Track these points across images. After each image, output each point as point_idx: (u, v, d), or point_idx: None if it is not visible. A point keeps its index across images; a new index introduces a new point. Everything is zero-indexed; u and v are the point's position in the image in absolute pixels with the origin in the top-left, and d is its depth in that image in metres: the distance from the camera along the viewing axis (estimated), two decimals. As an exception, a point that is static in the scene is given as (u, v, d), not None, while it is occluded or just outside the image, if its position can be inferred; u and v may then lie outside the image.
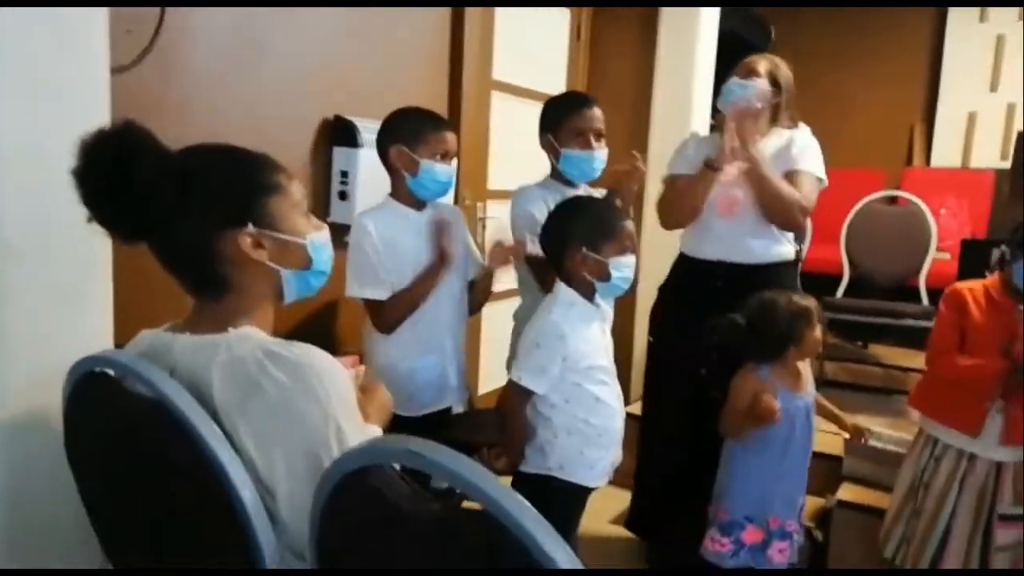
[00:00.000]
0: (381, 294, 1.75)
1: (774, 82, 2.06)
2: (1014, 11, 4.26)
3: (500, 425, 1.65)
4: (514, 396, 1.61)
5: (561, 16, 3.39)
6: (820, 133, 2.17)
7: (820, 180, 2.07)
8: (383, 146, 1.79)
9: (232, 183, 1.03)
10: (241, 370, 0.94)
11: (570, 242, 1.61)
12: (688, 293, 2.14)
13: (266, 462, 0.92)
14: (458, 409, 2.03)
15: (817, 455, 2.28)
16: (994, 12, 4.33)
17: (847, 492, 2.29)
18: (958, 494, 1.79)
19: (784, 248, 2.10)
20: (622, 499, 2.65)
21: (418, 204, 1.82)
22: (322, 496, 0.83)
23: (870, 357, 3.63)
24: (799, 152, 2.06)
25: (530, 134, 2.13)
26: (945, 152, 4.46)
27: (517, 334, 1.94)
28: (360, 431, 0.98)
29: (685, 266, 2.21)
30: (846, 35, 4.64)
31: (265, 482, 0.92)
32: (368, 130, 2.03)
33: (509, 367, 1.71)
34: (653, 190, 3.38)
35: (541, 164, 2.11)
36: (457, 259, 1.82)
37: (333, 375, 0.96)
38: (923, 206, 3.57)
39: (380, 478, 0.77)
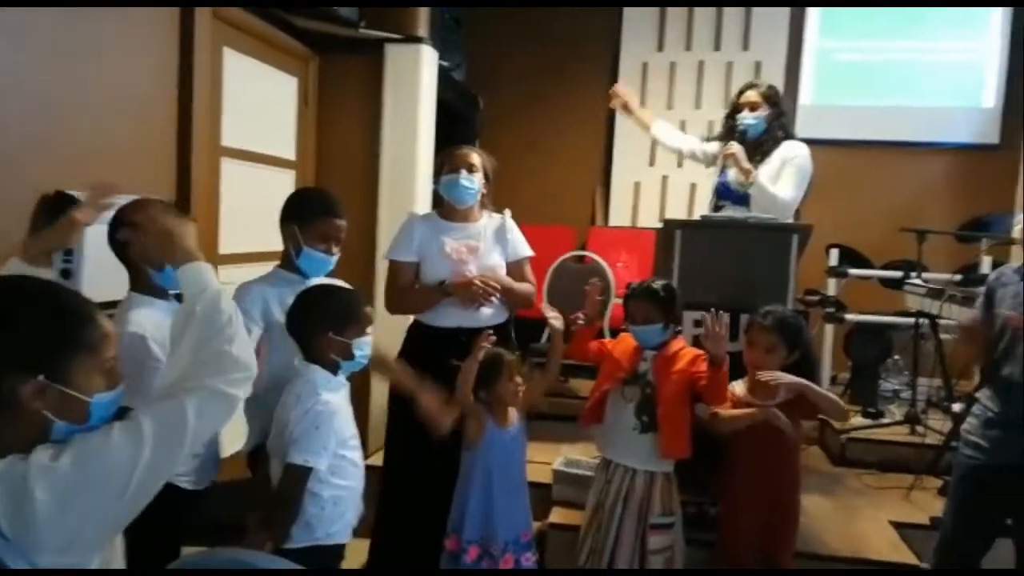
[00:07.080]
0: None
1: (484, 174, 2.45)
2: (663, 102, 5.31)
3: (274, 505, 1.67)
4: (299, 479, 1.65)
5: (288, 82, 3.51)
6: (523, 195, 2.58)
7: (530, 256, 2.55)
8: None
9: (40, 331, 0.98)
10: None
11: (318, 327, 1.75)
12: (426, 358, 2.30)
13: None
14: None
15: (531, 484, 2.67)
16: (649, 101, 5.34)
17: (557, 515, 2.71)
18: (623, 509, 2.24)
19: (504, 310, 2.49)
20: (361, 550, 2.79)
21: (165, 294, 1.73)
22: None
23: (569, 391, 4.23)
24: (516, 240, 2.50)
25: (260, 197, 2.12)
26: (620, 214, 5.38)
27: None
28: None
29: (421, 333, 2.43)
30: (542, 110, 5.39)
31: None
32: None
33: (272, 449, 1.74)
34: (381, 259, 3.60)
35: (269, 227, 2.16)
36: None
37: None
38: (603, 262, 4.30)
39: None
